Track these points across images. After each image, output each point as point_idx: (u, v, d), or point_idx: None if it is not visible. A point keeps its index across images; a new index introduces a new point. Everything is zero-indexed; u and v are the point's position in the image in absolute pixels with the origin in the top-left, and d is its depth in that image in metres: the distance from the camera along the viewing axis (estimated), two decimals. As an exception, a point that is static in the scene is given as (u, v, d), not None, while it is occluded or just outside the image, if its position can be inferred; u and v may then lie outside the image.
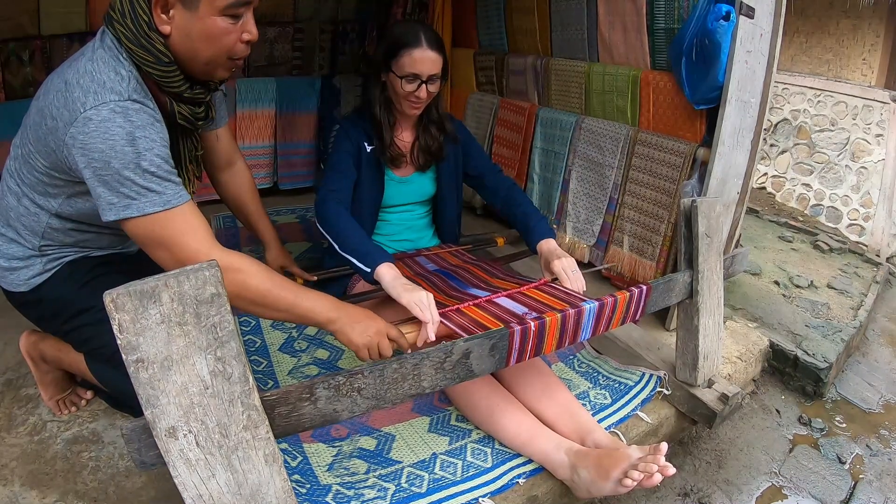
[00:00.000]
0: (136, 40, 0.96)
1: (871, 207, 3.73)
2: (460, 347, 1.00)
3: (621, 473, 1.08)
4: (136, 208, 0.93)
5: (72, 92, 0.92)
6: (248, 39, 1.03)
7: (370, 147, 1.63)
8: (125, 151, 0.90)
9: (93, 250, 1.22)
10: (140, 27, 0.96)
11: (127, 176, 0.91)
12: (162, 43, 0.98)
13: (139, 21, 0.96)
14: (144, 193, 0.93)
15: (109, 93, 0.92)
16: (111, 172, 0.91)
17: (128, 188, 0.92)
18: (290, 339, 1.69)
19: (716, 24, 1.52)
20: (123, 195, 0.92)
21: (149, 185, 0.93)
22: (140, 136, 0.92)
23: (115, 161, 0.90)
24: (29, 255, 1.16)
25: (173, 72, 1.01)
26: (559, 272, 1.42)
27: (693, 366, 1.46)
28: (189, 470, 0.76)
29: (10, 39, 2.08)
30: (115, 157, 0.90)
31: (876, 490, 1.54)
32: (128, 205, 0.92)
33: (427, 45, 1.50)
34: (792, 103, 4.38)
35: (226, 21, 0.98)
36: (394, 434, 1.36)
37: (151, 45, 0.97)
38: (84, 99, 0.91)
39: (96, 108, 0.90)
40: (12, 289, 1.18)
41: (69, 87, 0.92)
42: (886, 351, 2.28)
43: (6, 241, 1.15)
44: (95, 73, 0.93)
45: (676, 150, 1.78)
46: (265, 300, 1.00)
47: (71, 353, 1.30)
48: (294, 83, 2.87)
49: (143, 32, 0.96)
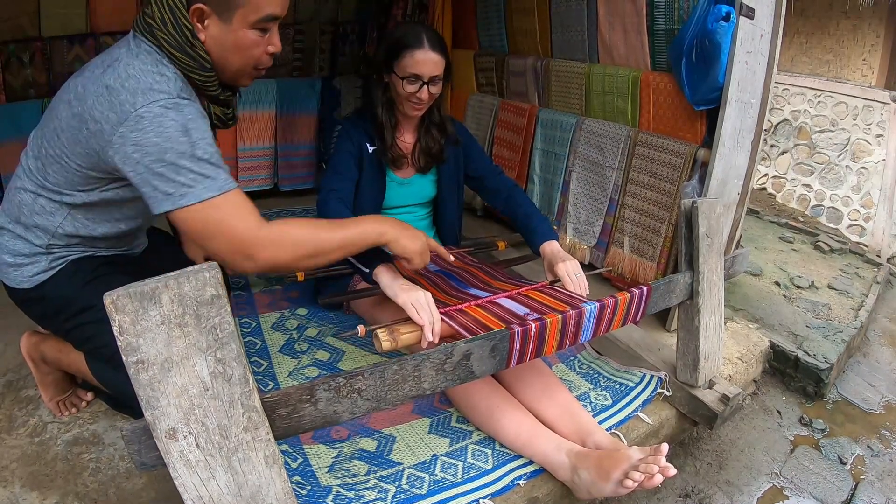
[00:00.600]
0: (179, 48, 1.01)
1: (871, 208, 3.73)
2: (461, 349, 1.00)
3: (622, 474, 1.08)
4: (194, 195, 0.95)
5: (117, 95, 0.94)
6: (273, 52, 1.11)
7: (372, 148, 1.63)
8: (180, 142, 0.94)
9: (99, 250, 1.23)
10: (184, 35, 1.01)
11: (183, 164, 0.94)
12: (204, 50, 1.03)
13: (182, 30, 1.01)
14: (200, 180, 0.96)
15: (158, 93, 0.95)
16: (167, 163, 0.94)
17: (184, 177, 0.95)
18: (290, 340, 1.69)
19: (716, 25, 1.52)
20: (180, 184, 0.95)
21: (204, 171, 0.96)
22: (192, 128, 0.96)
23: (171, 152, 0.94)
24: (35, 251, 1.16)
25: (213, 77, 1.08)
26: (563, 275, 1.42)
27: (694, 367, 1.46)
28: (189, 471, 0.76)
29: (11, 41, 2.08)
30: (171, 149, 0.94)
31: (877, 491, 1.54)
32: (185, 193, 0.95)
33: (429, 46, 1.50)
34: (792, 104, 4.38)
35: (255, 34, 1.05)
36: (394, 435, 1.36)
37: (195, 52, 1.03)
38: (133, 100, 0.94)
39: (147, 106, 0.94)
40: (15, 285, 1.18)
41: (113, 92, 0.95)
42: (887, 351, 2.27)
43: (13, 238, 1.16)
44: (140, 76, 0.96)
45: (677, 150, 1.78)
46: (320, 248, 1.08)
47: (71, 354, 1.30)
48: (294, 85, 2.87)
49: (186, 40, 1.01)
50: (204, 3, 1.00)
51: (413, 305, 1.18)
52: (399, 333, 1.18)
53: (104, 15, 2.25)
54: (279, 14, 1.06)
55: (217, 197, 0.96)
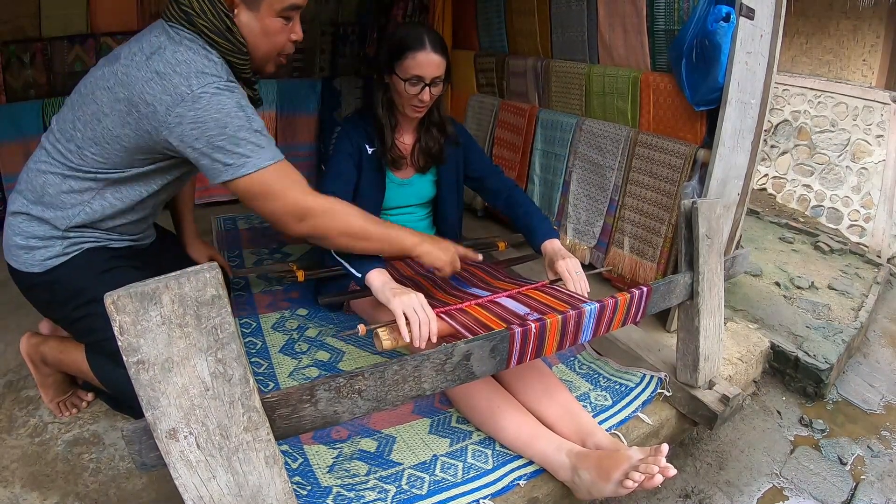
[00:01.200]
0: (220, 34, 1.09)
1: (871, 208, 3.73)
2: (461, 349, 1.00)
3: (622, 475, 1.08)
4: (252, 164, 1.05)
5: (170, 79, 1.01)
6: (295, 39, 1.19)
7: (371, 149, 1.63)
8: (239, 116, 1.04)
9: (113, 241, 1.25)
10: (223, 21, 1.08)
11: (243, 136, 1.04)
12: (241, 34, 1.11)
13: (221, 17, 1.08)
14: (257, 151, 1.06)
15: (210, 76, 1.03)
16: (227, 136, 1.03)
17: (244, 147, 1.04)
18: (290, 340, 1.69)
19: (716, 26, 1.52)
20: (240, 155, 1.04)
21: (259, 142, 1.06)
22: (245, 105, 1.06)
23: (231, 126, 1.03)
24: (50, 235, 1.17)
25: (248, 61, 1.15)
26: (563, 273, 1.43)
27: (694, 367, 1.46)
28: (190, 471, 0.76)
29: (11, 41, 2.08)
30: (231, 123, 1.03)
31: (877, 491, 1.54)
32: (244, 163, 1.05)
33: (431, 47, 1.50)
34: (792, 104, 4.38)
35: (280, 21, 1.13)
36: (394, 436, 1.36)
37: (234, 38, 1.10)
38: (188, 83, 1.01)
39: (203, 87, 1.01)
40: (24, 268, 1.18)
41: (164, 77, 1.02)
42: (887, 352, 2.27)
43: (28, 220, 1.17)
44: (190, 62, 1.03)
45: (677, 151, 1.78)
46: (365, 233, 1.23)
47: (72, 355, 1.31)
48: (294, 85, 2.87)
49: (226, 27, 1.09)
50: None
51: (405, 311, 1.17)
52: (399, 333, 1.18)
53: (104, 16, 2.25)
54: (302, 3, 1.14)
55: (273, 164, 1.08)
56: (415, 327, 1.16)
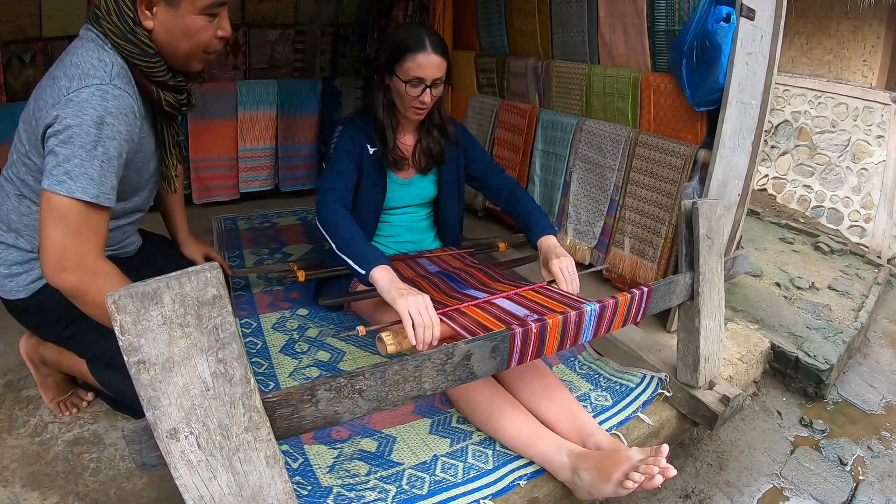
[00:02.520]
0: (122, 35, 1.05)
1: (871, 209, 3.73)
2: (461, 349, 1.00)
3: (622, 475, 1.08)
4: (67, 189, 0.97)
5: (58, 82, 1.00)
6: (223, 35, 1.13)
7: (373, 149, 1.63)
8: (89, 132, 0.97)
9: None
10: (126, 23, 1.04)
11: (78, 154, 0.97)
12: (146, 36, 1.06)
13: (125, 18, 1.04)
14: (82, 178, 0.97)
15: (91, 77, 0.99)
16: (67, 146, 0.96)
17: (71, 164, 0.97)
18: (291, 340, 1.69)
19: (716, 26, 1.52)
20: (63, 170, 0.97)
21: (90, 171, 0.98)
22: (109, 123, 0.99)
23: (77, 138, 0.96)
24: (28, 258, 1.16)
25: (158, 62, 1.09)
26: (556, 272, 1.42)
27: (694, 367, 1.46)
28: (190, 471, 0.76)
29: (12, 41, 2.08)
30: (78, 134, 0.96)
31: (877, 492, 1.54)
32: (62, 181, 0.97)
33: (432, 49, 1.50)
34: (792, 105, 4.38)
35: (203, 19, 1.08)
36: (395, 436, 1.36)
37: (137, 39, 1.05)
38: (69, 84, 0.98)
39: (78, 90, 0.98)
40: (12, 296, 1.18)
41: (56, 80, 1.00)
42: (887, 352, 2.27)
43: (6, 248, 1.17)
44: (80, 63, 1.01)
45: (677, 151, 1.78)
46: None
47: (71, 356, 1.30)
48: (295, 85, 2.87)
49: (128, 27, 1.04)
50: None
51: (410, 312, 1.14)
52: (403, 336, 1.17)
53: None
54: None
55: (86, 203, 0.98)
56: (419, 331, 1.14)
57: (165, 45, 1.09)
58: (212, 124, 2.67)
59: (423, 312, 1.15)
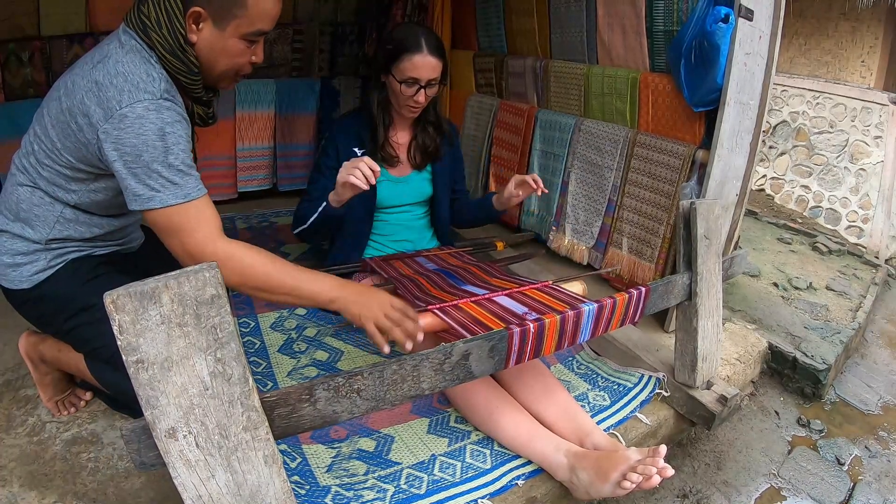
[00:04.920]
0: (171, 50, 1.06)
1: (869, 209, 3.74)
2: (459, 349, 1.00)
3: (620, 475, 1.08)
4: (159, 200, 1.01)
5: (105, 91, 0.98)
6: (255, 62, 1.17)
7: (361, 151, 1.64)
8: (156, 146, 0.99)
9: (97, 248, 1.24)
10: (177, 39, 1.05)
11: (155, 169, 1.00)
12: (194, 55, 1.09)
13: (176, 34, 1.05)
14: (168, 187, 1.01)
15: (143, 92, 1.00)
16: (141, 165, 1.00)
17: (154, 180, 1.01)
18: (289, 340, 1.69)
19: (715, 27, 1.52)
20: (149, 187, 1.01)
21: (173, 177, 1.02)
22: (169, 132, 1.01)
23: (146, 154, 0.99)
24: (34, 249, 1.17)
25: (199, 80, 1.13)
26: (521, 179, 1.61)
27: (692, 367, 1.46)
28: (189, 471, 0.76)
29: (10, 40, 2.08)
30: (146, 151, 0.99)
31: (874, 491, 1.54)
32: (151, 197, 1.01)
33: (428, 50, 1.50)
34: (791, 105, 4.39)
35: (244, 44, 1.11)
36: (393, 435, 1.36)
37: (186, 57, 1.08)
38: (119, 97, 0.98)
39: (131, 105, 0.98)
40: (14, 286, 1.19)
41: (101, 88, 0.99)
42: (885, 352, 2.28)
43: (11, 238, 1.17)
44: (128, 74, 1.00)
45: (675, 152, 1.79)
46: (268, 284, 1.09)
47: (70, 353, 1.30)
48: (293, 85, 2.87)
49: (179, 45, 1.06)
50: (203, 8, 1.04)
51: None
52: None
53: (103, 14, 2.25)
54: (268, 30, 1.13)
55: (181, 204, 1.02)
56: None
57: (204, 62, 1.11)
58: (210, 123, 2.66)
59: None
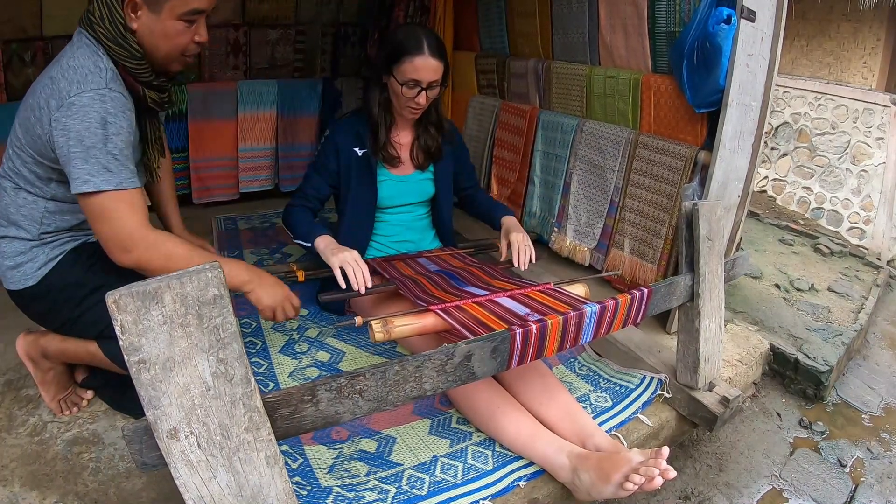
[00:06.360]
0: (114, 39, 1.13)
1: (871, 211, 3.73)
2: (462, 350, 1.00)
3: (622, 477, 1.08)
4: (94, 184, 1.07)
5: (58, 84, 1.07)
6: (199, 41, 1.21)
7: (361, 151, 1.65)
8: (97, 133, 1.06)
9: (90, 234, 1.28)
10: (118, 28, 1.12)
11: (94, 154, 1.06)
12: (135, 41, 1.15)
13: (116, 23, 1.12)
14: (102, 173, 1.07)
15: (91, 83, 1.07)
16: (82, 149, 1.06)
17: (91, 165, 1.06)
18: (290, 340, 1.69)
19: (717, 28, 1.52)
20: (86, 171, 1.06)
21: (108, 164, 1.08)
22: (111, 122, 1.08)
23: (87, 140, 1.05)
24: (30, 246, 1.21)
25: (144, 65, 1.18)
26: (513, 244, 1.62)
27: (694, 369, 1.46)
28: (190, 471, 0.76)
29: (13, 40, 2.08)
30: (87, 137, 1.05)
31: (876, 493, 1.54)
32: (87, 181, 1.06)
33: (429, 52, 1.51)
34: (793, 106, 4.38)
35: (182, 24, 1.16)
36: (395, 436, 1.36)
37: (127, 44, 1.14)
38: (69, 88, 1.06)
39: (79, 94, 1.06)
40: (21, 286, 1.22)
41: (55, 81, 1.07)
42: (887, 354, 2.27)
43: (8, 241, 1.21)
44: (79, 67, 1.08)
45: (677, 153, 1.78)
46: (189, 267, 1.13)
47: (77, 340, 1.30)
48: (295, 86, 2.88)
49: (119, 33, 1.13)
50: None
51: (341, 265, 1.40)
52: (392, 325, 1.24)
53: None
54: (204, 8, 1.17)
55: (115, 191, 1.08)
56: (350, 275, 1.39)
57: (147, 47, 1.16)
58: (212, 124, 2.67)
59: (351, 263, 1.40)
